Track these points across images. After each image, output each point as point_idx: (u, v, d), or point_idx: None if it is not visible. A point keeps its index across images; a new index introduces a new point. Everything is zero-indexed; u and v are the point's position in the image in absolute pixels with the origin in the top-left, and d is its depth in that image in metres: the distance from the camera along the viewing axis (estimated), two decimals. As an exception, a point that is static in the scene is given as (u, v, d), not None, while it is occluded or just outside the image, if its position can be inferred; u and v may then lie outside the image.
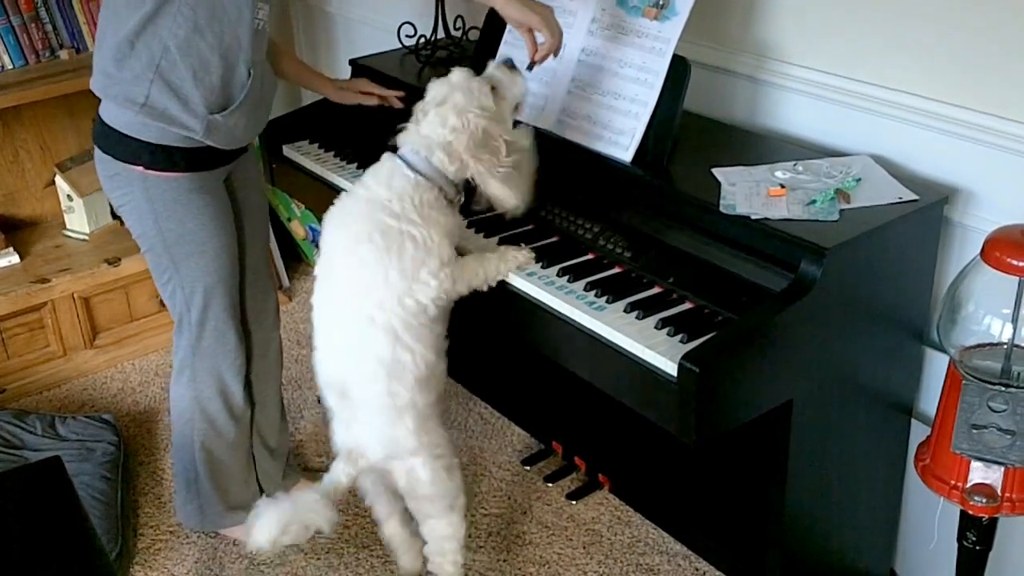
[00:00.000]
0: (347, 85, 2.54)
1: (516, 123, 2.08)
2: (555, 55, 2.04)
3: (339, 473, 1.98)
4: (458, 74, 1.98)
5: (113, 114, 2.05)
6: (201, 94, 1.98)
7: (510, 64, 2.04)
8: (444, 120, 1.93)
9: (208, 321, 2.24)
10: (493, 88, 1.98)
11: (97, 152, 2.13)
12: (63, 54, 3.28)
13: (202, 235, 2.14)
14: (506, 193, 1.95)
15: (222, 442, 2.38)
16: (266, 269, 2.46)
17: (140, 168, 2.05)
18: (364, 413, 1.96)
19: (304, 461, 2.81)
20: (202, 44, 1.96)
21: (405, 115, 2.02)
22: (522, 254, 2.01)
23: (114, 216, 3.37)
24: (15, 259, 3.19)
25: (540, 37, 2.01)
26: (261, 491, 2.49)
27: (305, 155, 2.59)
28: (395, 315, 1.88)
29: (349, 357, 1.94)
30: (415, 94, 2.57)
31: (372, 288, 1.88)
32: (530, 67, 2.07)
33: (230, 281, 2.24)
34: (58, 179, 3.27)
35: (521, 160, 1.99)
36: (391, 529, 2.21)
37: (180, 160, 2.06)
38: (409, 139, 1.97)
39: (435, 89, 1.99)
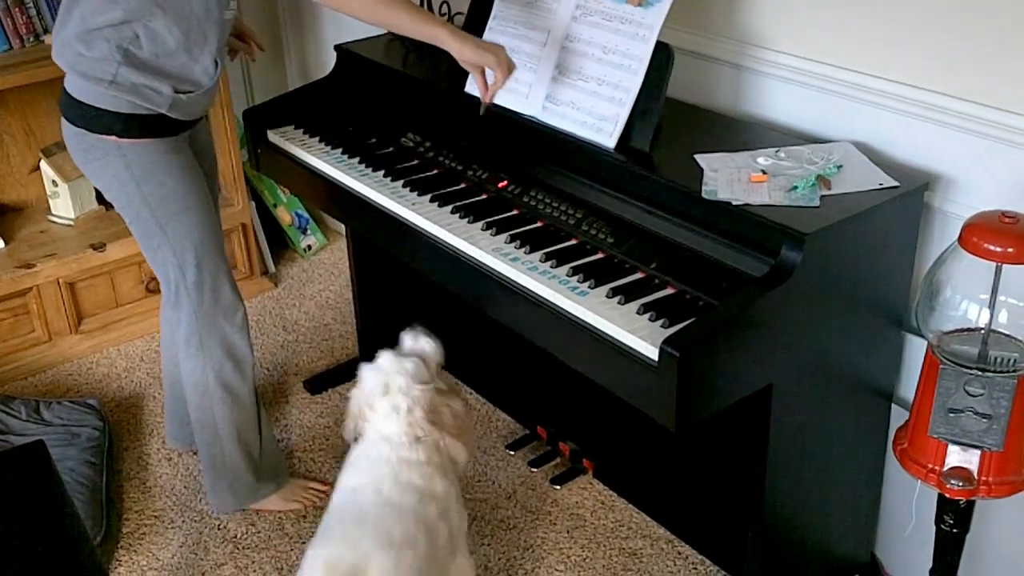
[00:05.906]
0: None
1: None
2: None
3: None
4: (386, 359, 1.97)
5: (81, 88, 2.11)
6: (166, 75, 2.07)
7: (421, 332, 2.04)
8: (396, 407, 1.92)
9: (204, 281, 2.28)
10: (423, 360, 1.99)
11: (68, 127, 2.17)
12: (47, 39, 3.26)
13: (182, 191, 2.20)
14: (460, 450, 1.98)
15: (239, 405, 2.40)
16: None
17: (113, 138, 2.12)
18: None
19: (294, 464, 2.81)
20: (168, 37, 2.05)
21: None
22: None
23: (99, 201, 3.36)
24: (0, 244, 3.18)
25: (491, 76, 2.06)
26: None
27: (290, 140, 2.58)
28: None
29: None
30: (400, 80, 2.59)
31: None
32: (484, 111, 2.13)
33: (215, 237, 2.29)
34: (43, 164, 3.26)
35: (464, 421, 2.02)
36: None
37: (149, 127, 2.13)
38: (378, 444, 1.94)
39: (371, 379, 1.96)
